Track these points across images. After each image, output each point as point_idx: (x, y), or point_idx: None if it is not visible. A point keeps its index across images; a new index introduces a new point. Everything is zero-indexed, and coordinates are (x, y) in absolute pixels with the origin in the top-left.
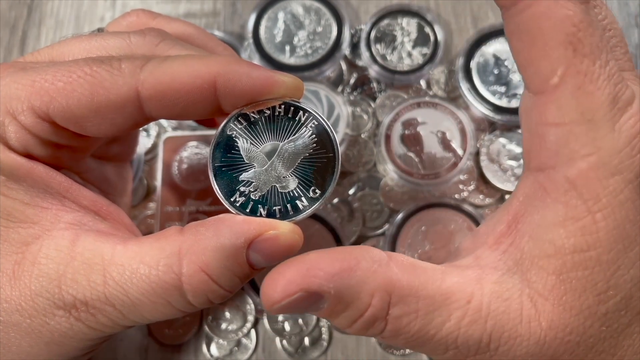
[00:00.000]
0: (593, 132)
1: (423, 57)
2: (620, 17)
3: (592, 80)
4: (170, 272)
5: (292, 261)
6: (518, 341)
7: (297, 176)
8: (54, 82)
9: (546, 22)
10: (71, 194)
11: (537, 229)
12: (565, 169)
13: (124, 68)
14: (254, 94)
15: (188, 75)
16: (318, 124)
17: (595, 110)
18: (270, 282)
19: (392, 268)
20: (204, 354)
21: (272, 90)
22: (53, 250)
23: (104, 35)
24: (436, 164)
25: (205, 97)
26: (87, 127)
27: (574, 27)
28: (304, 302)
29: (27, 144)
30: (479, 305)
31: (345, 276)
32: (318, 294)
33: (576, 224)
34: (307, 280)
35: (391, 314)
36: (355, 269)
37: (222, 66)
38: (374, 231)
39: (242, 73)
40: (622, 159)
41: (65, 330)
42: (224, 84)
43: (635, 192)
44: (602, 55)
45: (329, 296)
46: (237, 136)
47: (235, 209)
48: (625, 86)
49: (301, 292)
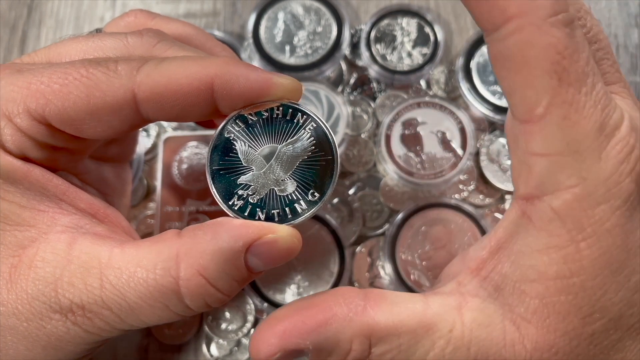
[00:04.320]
0: (579, 163)
1: (423, 57)
2: (620, 17)
3: (577, 109)
4: (167, 275)
5: (269, 321)
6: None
7: (295, 179)
8: (50, 85)
9: (530, 51)
10: (68, 197)
11: (519, 255)
12: (550, 200)
13: (121, 70)
14: (251, 96)
15: (185, 77)
16: (317, 127)
17: (581, 140)
18: (254, 344)
19: (369, 312)
20: (204, 354)
21: (270, 92)
22: (50, 253)
23: (101, 36)
24: (436, 164)
25: (203, 99)
26: (84, 129)
27: (558, 55)
28: (287, 358)
29: (23, 146)
30: (460, 334)
31: (321, 330)
32: (297, 351)
33: (559, 252)
34: (285, 342)
35: (374, 353)
36: (331, 322)
37: (219, 68)
38: (374, 231)
39: (239, 75)
40: (608, 187)
41: (62, 334)
42: (221, 85)
43: (623, 216)
44: (588, 80)
45: (309, 350)
46: (235, 139)
47: (234, 212)
48: (612, 108)
49: (281, 352)
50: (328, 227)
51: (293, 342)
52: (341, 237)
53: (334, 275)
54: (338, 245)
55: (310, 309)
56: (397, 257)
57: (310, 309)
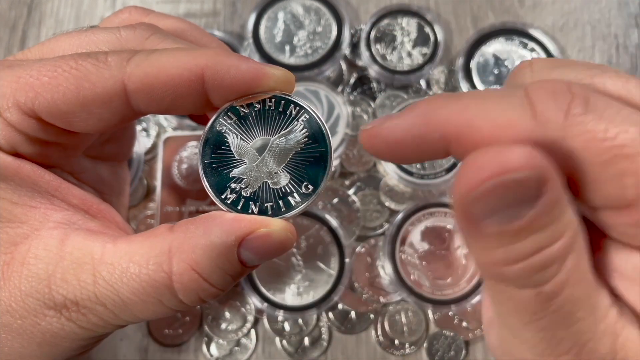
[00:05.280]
0: None
1: (423, 57)
2: (620, 17)
3: None
4: (160, 270)
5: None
6: None
7: (289, 172)
8: (39, 77)
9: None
10: (60, 193)
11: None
12: None
13: (110, 61)
14: (243, 87)
15: (175, 68)
16: (310, 118)
17: None
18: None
19: None
20: (204, 354)
21: (262, 83)
22: (42, 250)
23: (94, 30)
24: (436, 164)
25: (194, 90)
26: (74, 122)
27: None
28: (511, 191)
29: (13, 141)
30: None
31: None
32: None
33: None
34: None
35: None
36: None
37: (210, 58)
38: (374, 231)
39: (230, 65)
40: None
41: (57, 330)
42: (212, 76)
43: None
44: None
45: (552, 193)
46: (227, 132)
47: (226, 206)
48: None
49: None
50: (328, 227)
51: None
52: (341, 237)
53: (334, 275)
54: (338, 245)
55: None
56: (397, 257)
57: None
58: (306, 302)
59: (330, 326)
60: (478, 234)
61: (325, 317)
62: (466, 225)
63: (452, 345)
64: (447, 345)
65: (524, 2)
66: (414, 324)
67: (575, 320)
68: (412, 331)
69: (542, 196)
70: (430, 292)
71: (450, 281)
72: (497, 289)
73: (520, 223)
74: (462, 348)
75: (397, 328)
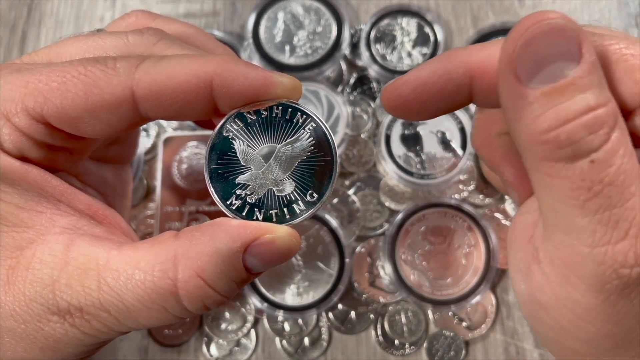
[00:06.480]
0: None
1: (423, 57)
2: (620, 17)
3: None
4: (165, 277)
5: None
6: None
7: (294, 179)
8: (48, 83)
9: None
10: (66, 198)
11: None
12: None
13: (119, 67)
14: (250, 94)
15: (184, 75)
16: (316, 127)
17: None
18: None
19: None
20: (204, 354)
21: (269, 91)
22: (47, 255)
23: (101, 34)
24: (436, 164)
25: (202, 97)
26: (82, 127)
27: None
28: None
29: (21, 146)
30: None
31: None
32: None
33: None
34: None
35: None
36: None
37: (218, 66)
38: (374, 231)
39: (238, 73)
40: None
41: (60, 336)
42: (220, 83)
43: None
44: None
45: (591, 54)
46: (234, 138)
47: (232, 212)
48: None
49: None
50: (328, 227)
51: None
52: (341, 237)
53: (334, 276)
54: (338, 245)
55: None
56: (397, 257)
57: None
58: (306, 302)
59: (330, 326)
60: (526, 102)
61: (325, 317)
62: (513, 95)
63: (452, 345)
64: (447, 345)
65: (524, 2)
66: (414, 324)
67: (630, 195)
68: (412, 331)
69: (583, 56)
70: (430, 292)
71: (450, 281)
72: (550, 172)
73: (567, 80)
74: (462, 348)
75: (397, 328)
